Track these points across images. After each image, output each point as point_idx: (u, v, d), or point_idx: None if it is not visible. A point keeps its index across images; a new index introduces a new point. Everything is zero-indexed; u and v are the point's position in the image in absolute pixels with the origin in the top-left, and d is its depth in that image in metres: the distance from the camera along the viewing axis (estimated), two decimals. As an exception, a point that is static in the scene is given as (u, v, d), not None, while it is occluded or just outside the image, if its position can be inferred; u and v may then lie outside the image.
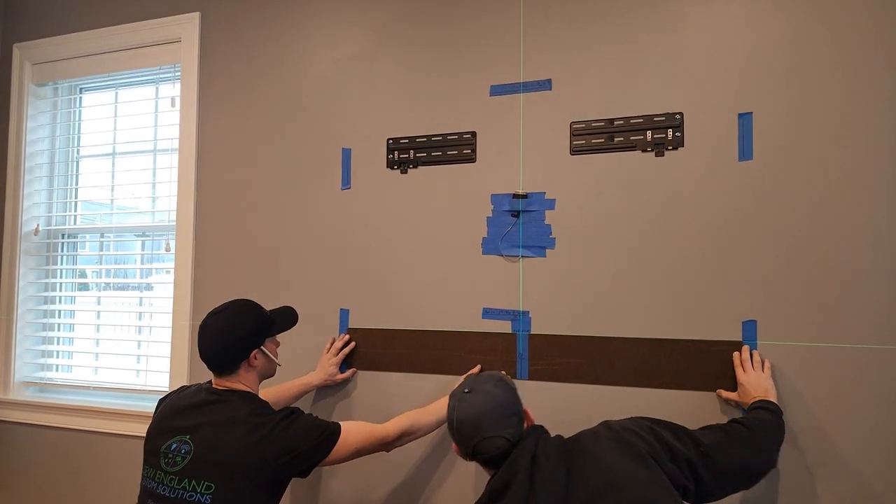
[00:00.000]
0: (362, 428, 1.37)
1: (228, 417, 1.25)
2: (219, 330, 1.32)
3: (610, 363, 1.51)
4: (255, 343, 1.33)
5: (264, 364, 1.36)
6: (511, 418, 1.14)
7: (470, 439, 1.12)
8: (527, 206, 1.61)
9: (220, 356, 1.32)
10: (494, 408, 1.13)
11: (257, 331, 1.34)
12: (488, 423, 1.12)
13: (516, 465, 1.07)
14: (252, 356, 1.32)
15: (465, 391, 1.17)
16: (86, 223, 2.29)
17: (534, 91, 1.62)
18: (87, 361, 2.20)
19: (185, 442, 1.24)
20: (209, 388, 1.34)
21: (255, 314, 1.36)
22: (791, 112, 1.41)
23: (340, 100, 1.82)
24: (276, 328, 1.39)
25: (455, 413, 1.15)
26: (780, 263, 1.39)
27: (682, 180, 1.48)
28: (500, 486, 1.07)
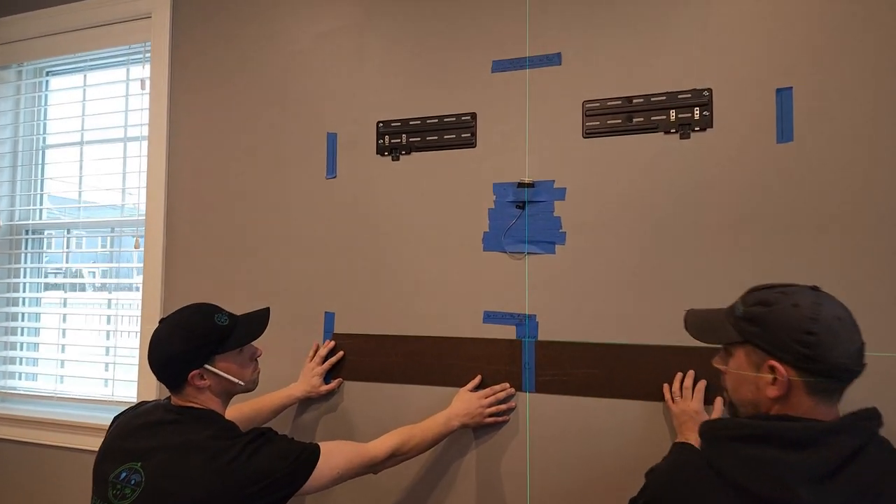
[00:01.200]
0: (346, 448, 1.19)
1: (185, 442, 1.06)
2: (156, 344, 1.14)
3: (628, 374, 1.33)
4: (191, 363, 1.12)
5: (218, 384, 1.16)
6: None
7: (856, 337, 0.82)
8: (533, 196, 1.43)
9: (158, 374, 1.14)
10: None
11: (195, 348, 1.12)
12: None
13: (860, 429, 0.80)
14: (191, 378, 1.12)
15: (810, 288, 0.87)
16: (51, 218, 2.11)
17: (541, 66, 1.44)
18: (51, 369, 2.02)
19: (135, 471, 1.05)
20: (167, 404, 1.16)
21: (195, 328, 1.14)
22: (837, 87, 1.22)
23: (325, 79, 1.64)
24: (231, 343, 1.16)
25: (833, 304, 0.83)
26: (826, 261, 1.21)
27: (711, 166, 1.30)
28: (791, 437, 0.79)
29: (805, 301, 0.83)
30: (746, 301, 0.90)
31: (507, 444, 1.41)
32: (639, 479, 0.96)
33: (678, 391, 1.26)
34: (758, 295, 0.89)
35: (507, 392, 1.40)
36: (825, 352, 0.80)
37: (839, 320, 0.82)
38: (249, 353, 1.22)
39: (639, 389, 1.32)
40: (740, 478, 0.79)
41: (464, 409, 1.36)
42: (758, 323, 0.86)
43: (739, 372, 0.88)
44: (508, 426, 1.41)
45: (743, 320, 0.88)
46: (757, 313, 0.86)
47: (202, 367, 1.13)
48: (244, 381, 1.19)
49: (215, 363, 1.14)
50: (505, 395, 1.40)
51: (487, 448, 1.42)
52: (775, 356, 0.83)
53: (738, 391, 0.90)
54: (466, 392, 1.40)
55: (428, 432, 1.30)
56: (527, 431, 1.39)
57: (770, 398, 0.84)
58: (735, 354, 0.90)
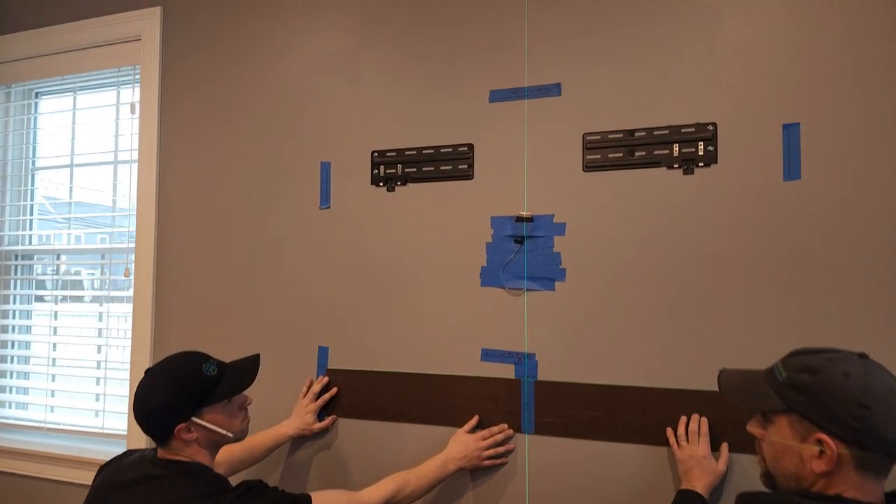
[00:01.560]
0: (339, 499, 1.16)
1: (168, 500, 1.02)
2: (141, 396, 1.09)
3: (631, 417, 1.28)
4: (179, 416, 1.07)
5: (206, 437, 1.11)
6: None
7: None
8: (532, 230, 1.39)
9: (144, 427, 1.09)
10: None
11: (182, 401, 1.08)
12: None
13: None
14: (177, 431, 1.07)
15: (858, 355, 0.82)
16: (41, 243, 2.07)
17: (540, 97, 1.40)
18: (41, 399, 1.98)
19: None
20: (153, 457, 1.11)
21: (182, 380, 1.09)
22: (847, 123, 1.18)
23: (319, 106, 1.60)
24: (218, 394, 1.11)
25: (883, 375, 0.79)
26: (835, 304, 1.17)
27: (715, 202, 1.25)
28: None
29: (856, 371, 0.78)
30: (789, 366, 0.84)
31: (505, 487, 1.36)
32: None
33: (683, 435, 1.22)
34: (803, 360, 0.83)
35: (505, 434, 1.36)
36: (879, 426, 0.76)
37: (892, 392, 0.77)
38: (238, 403, 1.18)
39: (641, 433, 1.27)
40: None
41: (461, 451, 1.32)
42: (805, 392, 0.80)
43: (783, 442, 0.83)
44: (507, 469, 1.36)
45: (787, 387, 0.82)
46: (803, 381, 0.81)
47: (189, 419, 1.08)
48: (233, 431, 1.15)
49: (203, 415, 1.10)
50: (503, 437, 1.36)
51: (485, 491, 1.38)
52: (824, 428, 0.78)
53: (779, 462, 0.85)
54: (464, 434, 1.36)
55: (424, 479, 1.26)
56: (526, 475, 1.35)
57: (816, 472, 0.79)
58: (776, 422, 0.84)
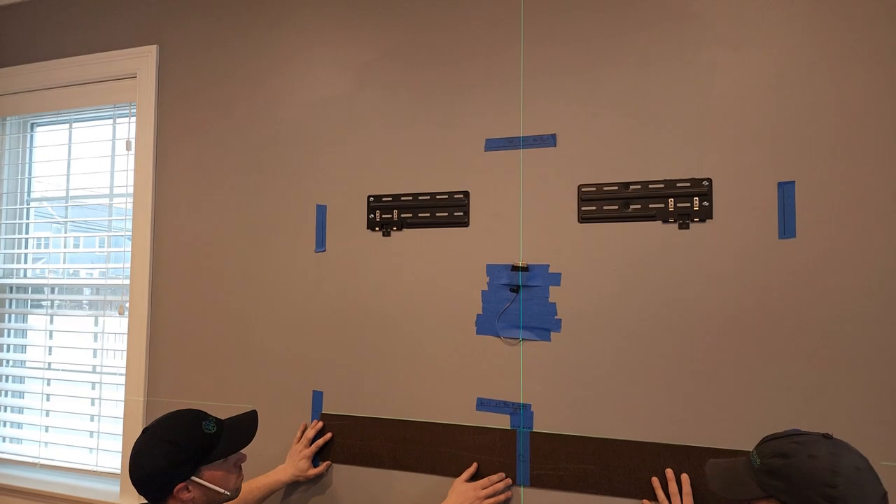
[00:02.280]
0: None
1: None
2: (139, 456, 1.09)
3: (625, 471, 1.28)
4: (177, 476, 1.07)
5: (203, 495, 1.11)
6: None
7: (877, 485, 0.81)
8: (528, 279, 1.39)
9: (140, 488, 1.09)
10: None
11: (182, 461, 1.08)
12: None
13: None
14: (176, 491, 1.07)
15: (823, 435, 0.86)
16: (36, 276, 2.06)
17: (536, 147, 1.40)
18: (35, 435, 1.97)
19: None
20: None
21: (182, 439, 1.10)
22: (842, 181, 1.18)
23: (315, 149, 1.60)
24: (218, 452, 1.12)
25: (849, 454, 0.83)
26: (829, 365, 1.17)
27: (710, 258, 1.26)
28: None
29: (821, 452, 0.82)
30: (762, 453, 0.88)
31: (500, 539, 1.36)
32: None
33: (664, 499, 1.21)
34: (773, 445, 0.87)
35: (505, 483, 1.35)
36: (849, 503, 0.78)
37: (858, 470, 0.81)
38: (234, 460, 1.18)
39: (636, 488, 1.27)
40: None
41: (460, 501, 1.31)
42: (779, 476, 0.84)
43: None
44: (502, 520, 1.36)
45: (763, 474, 0.86)
46: (776, 465, 0.85)
47: (188, 479, 1.08)
48: (229, 489, 1.15)
49: (201, 474, 1.10)
50: (503, 487, 1.35)
51: (480, 543, 1.38)
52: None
53: None
54: (462, 483, 1.35)
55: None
56: (521, 527, 1.35)
57: None
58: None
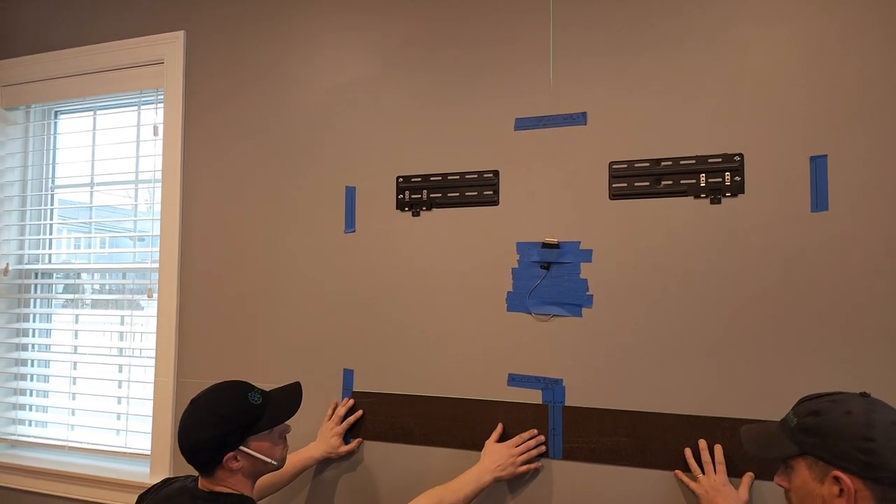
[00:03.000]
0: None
1: None
2: (187, 427, 1.11)
3: (659, 444, 1.30)
4: (226, 446, 1.09)
5: (251, 465, 1.13)
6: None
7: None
8: (558, 257, 1.40)
9: (190, 458, 1.11)
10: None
11: (231, 432, 1.10)
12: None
13: None
14: (225, 461, 1.09)
15: (861, 395, 0.87)
16: (61, 262, 2.08)
17: (566, 125, 1.41)
18: (62, 417, 1.98)
19: None
20: (194, 489, 1.13)
21: (230, 410, 1.11)
22: (874, 154, 1.20)
23: (344, 131, 1.61)
24: (265, 423, 1.14)
25: (886, 410, 0.83)
26: (861, 337, 1.19)
27: (742, 232, 1.27)
28: None
29: (857, 408, 0.83)
30: (798, 412, 0.89)
31: (533, 512, 1.38)
32: None
33: (698, 468, 1.24)
34: (808, 405, 0.88)
35: (537, 440, 1.36)
36: (886, 457, 0.79)
37: (894, 425, 0.81)
38: (280, 431, 1.19)
39: (669, 459, 1.29)
40: None
41: (495, 461, 1.31)
42: (814, 433, 0.84)
43: (805, 486, 0.86)
44: (534, 493, 1.38)
45: (798, 432, 0.86)
46: (811, 424, 0.85)
47: (237, 448, 1.10)
48: (276, 460, 1.16)
49: (249, 444, 1.12)
50: (535, 444, 1.36)
51: (513, 516, 1.40)
52: (838, 466, 0.81)
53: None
54: (493, 444, 1.36)
55: (460, 492, 1.25)
56: (553, 500, 1.36)
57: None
58: (797, 469, 0.88)
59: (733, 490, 1.19)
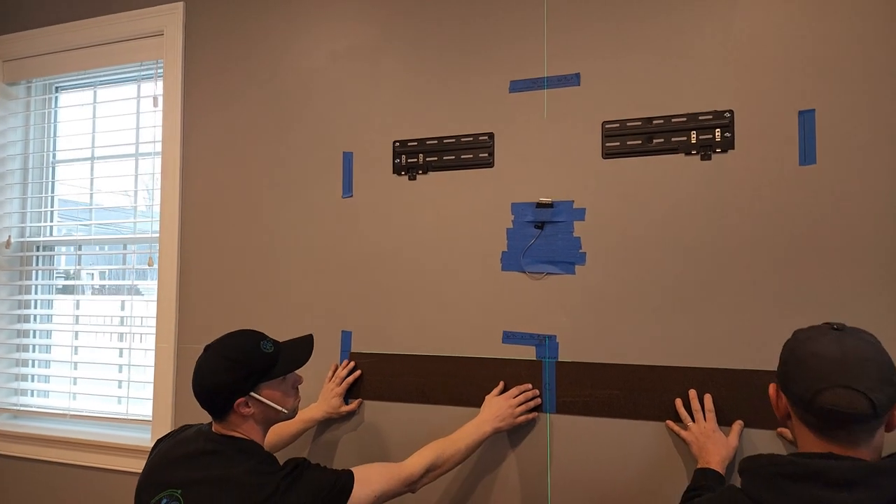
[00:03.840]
0: (381, 471, 1.18)
1: (224, 475, 1.06)
2: (200, 372, 1.14)
3: (650, 395, 1.32)
4: (238, 391, 1.11)
5: (262, 412, 1.15)
6: (886, 386, 0.82)
7: (831, 376, 0.82)
8: (552, 216, 1.43)
9: (203, 402, 1.13)
10: (877, 360, 0.84)
11: (243, 377, 1.12)
12: (860, 371, 0.82)
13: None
14: (236, 405, 1.11)
15: (833, 327, 0.89)
16: (62, 234, 2.10)
17: (560, 87, 1.44)
18: (64, 386, 2.01)
19: (175, 498, 1.06)
20: (209, 432, 1.16)
21: (242, 356, 1.14)
22: (862, 108, 1.22)
23: (341, 97, 1.64)
24: (277, 370, 1.16)
25: (826, 343, 0.85)
26: (850, 289, 1.21)
27: (732, 187, 1.30)
28: (837, 477, 0.78)
29: (804, 334, 0.90)
30: None
31: (527, 465, 1.41)
32: (662, 500, 0.96)
33: (688, 416, 1.26)
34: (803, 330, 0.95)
35: (533, 392, 1.40)
36: (789, 382, 0.87)
37: (815, 356, 0.84)
38: (292, 381, 1.22)
39: (660, 411, 1.31)
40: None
41: (494, 412, 1.34)
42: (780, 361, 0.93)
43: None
44: (529, 448, 1.40)
45: None
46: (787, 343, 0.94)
47: (248, 394, 1.12)
48: (287, 409, 1.19)
49: (260, 391, 1.14)
50: (532, 395, 1.39)
51: (508, 469, 1.42)
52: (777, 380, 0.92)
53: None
54: (493, 397, 1.39)
55: (461, 442, 1.28)
56: (548, 453, 1.39)
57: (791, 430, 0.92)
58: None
59: (723, 436, 1.21)
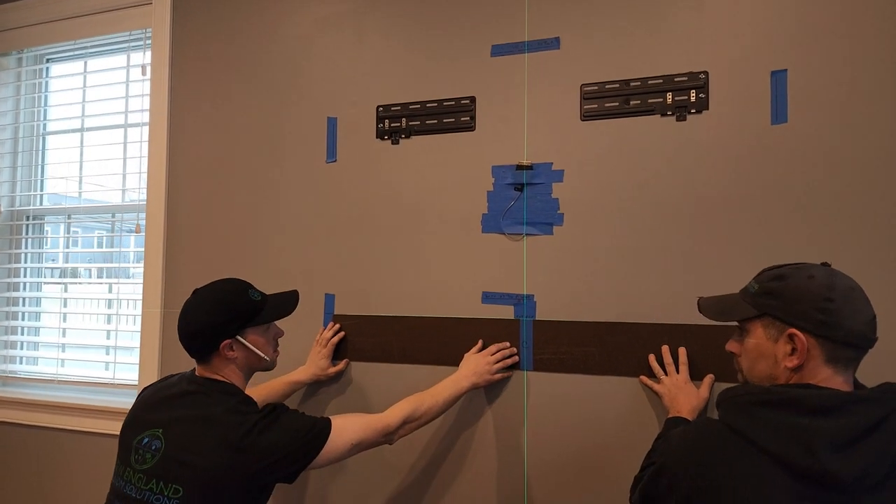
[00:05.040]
0: (358, 420, 1.20)
1: (204, 414, 1.09)
2: (188, 312, 1.17)
3: (625, 352, 1.35)
4: (224, 333, 1.15)
5: (244, 358, 1.18)
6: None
7: (868, 307, 0.84)
8: (532, 178, 1.45)
9: (188, 343, 1.16)
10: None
11: (230, 320, 1.15)
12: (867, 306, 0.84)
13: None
14: (222, 347, 1.14)
15: (821, 263, 0.90)
16: (52, 204, 2.12)
17: (540, 51, 1.46)
18: (52, 353, 2.03)
19: (156, 437, 1.10)
20: (191, 376, 1.19)
21: (230, 300, 1.17)
22: (831, 68, 1.25)
23: (325, 63, 1.66)
24: (263, 317, 1.20)
25: (845, 277, 0.85)
26: (825, 243, 1.23)
27: (706, 147, 1.32)
28: (814, 404, 0.79)
29: (819, 273, 0.86)
30: (760, 279, 0.92)
31: (504, 421, 1.43)
32: (635, 452, 0.97)
33: (661, 370, 1.29)
34: (771, 272, 0.91)
35: (510, 350, 1.42)
36: (843, 318, 0.81)
37: (853, 290, 0.84)
38: (273, 333, 1.25)
39: (636, 366, 1.34)
40: (770, 443, 0.78)
41: (472, 368, 1.37)
42: (775, 296, 0.87)
43: (758, 346, 0.89)
44: (506, 404, 1.43)
45: (759, 296, 0.90)
46: (773, 287, 0.88)
47: (234, 337, 1.15)
48: (269, 357, 1.22)
49: (246, 335, 1.18)
50: (510, 353, 1.42)
51: (484, 425, 1.44)
52: (795, 325, 0.84)
53: (755, 367, 0.91)
54: (471, 355, 1.42)
55: (438, 396, 1.30)
56: (524, 410, 1.41)
57: (789, 368, 0.85)
58: (752, 331, 0.91)
59: (694, 388, 1.24)
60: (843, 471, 0.73)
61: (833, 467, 0.74)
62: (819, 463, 0.74)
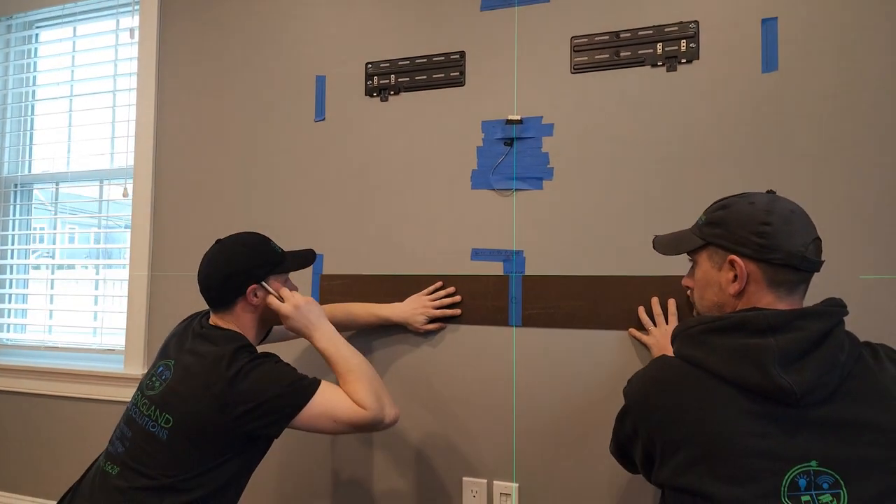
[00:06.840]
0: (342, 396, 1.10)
1: (205, 353, 1.09)
2: (215, 259, 1.16)
3: (614, 305, 1.33)
4: (253, 277, 1.15)
5: (263, 309, 1.18)
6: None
7: (810, 229, 0.83)
8: (521, 132, 1.43)
9: (213, 288, 1.16)
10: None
11: (259, 265, 1.16)
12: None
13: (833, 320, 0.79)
14: (249, 292, 1.15)
15: (766, 191, 0.89)
16: (40, 170, 2.10)
17: (530, 3, 1.44)
18: (40, 320, 2.01)
19: (168, 368, 1.13)
20: (205, 322, 1.19)
21: (259, 247, 1.19)
22: (821, 16, 1.23)
23: (313, 21, 1.64)
24: (285, 266, 1.21)
25: (787, 202, 0.85)
26: (814, 189, 1.22)
27: (697, 97, 1.30)
28: (761, 324, 0.78)
29: (760, 199, 0.86)
30: (708, 210, 0.93)
31: (494, 377, 1.42)
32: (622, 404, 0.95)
33: (650, 322, 1.28)
34: (717, 203, 0.92)
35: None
36: (780, 241, 0.82)
37: (793, 213, 0.84)
38: (290, 286, 1.24)
39: (623, 319, 1.33)
40: (722, 367, 0.78)
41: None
42: (718, 224, 0.88)
43: (705, 275, 0.90)
44: (495, 359, 1.41)
45: (705, 226, 0.91)
46: (717, 217, 0.89)
47: (261, 283, 1.16)
48: None
49: (270, 283, 1.18)
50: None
51: (474, 381, 1.43)
52: (735, 251, 0.85)
53: (704, 297, 0.92)
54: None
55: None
56: (513, 364, 1.40)
57: (732, 295, 0.86)
58: (699, 262, 0.92)
59: None
60: (793, 385, 0.73)
61: (784, 382, 0.74)
62: (770, 379, 0.74)
